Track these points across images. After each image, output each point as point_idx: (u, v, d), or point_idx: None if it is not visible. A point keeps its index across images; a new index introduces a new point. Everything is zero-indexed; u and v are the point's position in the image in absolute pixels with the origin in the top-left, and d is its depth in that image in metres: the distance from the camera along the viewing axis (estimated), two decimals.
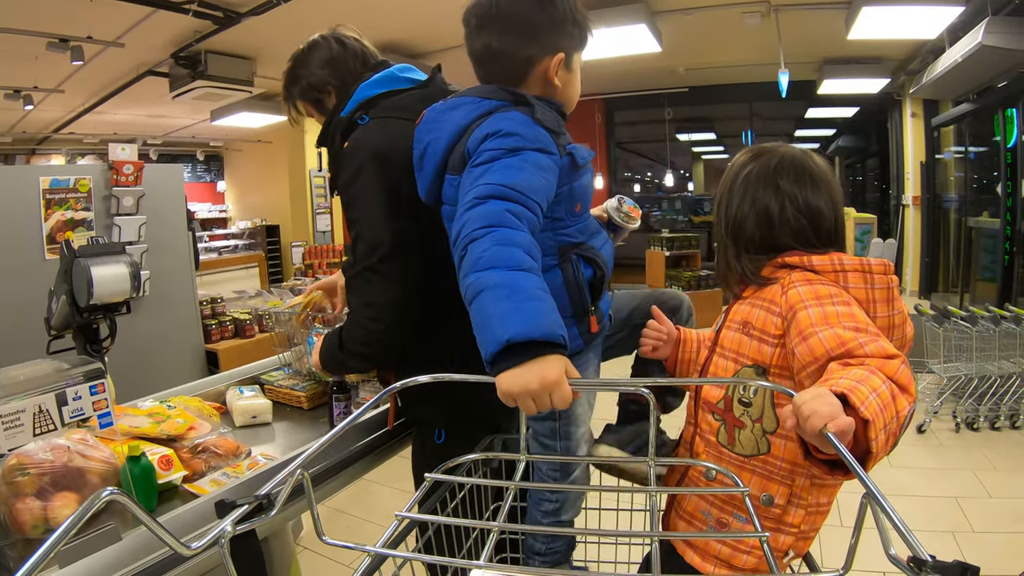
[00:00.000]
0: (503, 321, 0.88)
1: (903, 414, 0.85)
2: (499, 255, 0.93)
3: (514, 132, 1.09)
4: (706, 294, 7.62)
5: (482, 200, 1.01)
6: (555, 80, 1.22)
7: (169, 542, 0.66)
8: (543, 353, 0.87)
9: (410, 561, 0.84)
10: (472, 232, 0.97)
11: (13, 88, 7.09)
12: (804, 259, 1.10)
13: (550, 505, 1.26)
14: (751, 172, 1.19)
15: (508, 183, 1.02)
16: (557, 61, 1.21)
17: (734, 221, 1.19)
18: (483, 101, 1.18)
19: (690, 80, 8.81)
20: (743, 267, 1.18)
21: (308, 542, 2.86)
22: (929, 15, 5.30)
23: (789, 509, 1.10)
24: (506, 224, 0.97)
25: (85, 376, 1.30)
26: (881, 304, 1.07)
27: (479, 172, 1.07)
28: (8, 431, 1.18)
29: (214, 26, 5.48)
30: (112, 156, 3.48)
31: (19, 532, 1.09)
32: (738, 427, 1.13)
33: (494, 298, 0.90)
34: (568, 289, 1.20)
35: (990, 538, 2.90)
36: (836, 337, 0.96)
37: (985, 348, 4.23)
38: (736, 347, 1.16)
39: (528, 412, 0.89)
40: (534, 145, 1.09)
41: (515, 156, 1.07)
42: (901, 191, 8.60)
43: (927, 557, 0.55)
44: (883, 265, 1.07)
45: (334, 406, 1.74)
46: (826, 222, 1.15)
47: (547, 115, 1.16)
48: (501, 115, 1.13)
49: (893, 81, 7.83)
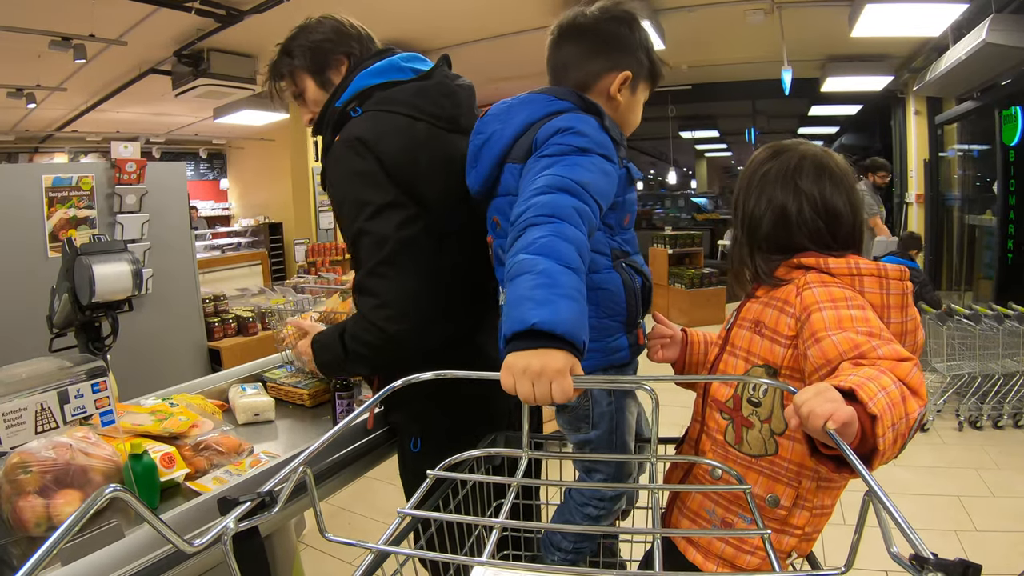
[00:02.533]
0: (536, 306, 0.88)
1: (912, 416, 0.84)
2: (552, 246, 0.94)
3: (585, 133, 1.11)
4: (709, 292, 7.62)
5: (552, 190, 1.02)
6: (617, 96, 1.25)
7: (172, 539, 0.66)
8: (559, 347, 0.88)
9: (412, 558, 0.84)
10: (534, 217, 0.98)
11: (16, 86, 7.10)
12: (820, 261, 1.09)
13: (595, 511, 1.24)
14: (770, 170, 1.17)
15: (579, 180, 1.03)
16: (623, 79, 1.24)
17: (750, 219, 1.18)
18: (555, 101, 1.20)
19: (693, 77, 8.78)
20: (756, 266, 1.17)
21: (310, 539, 2.87)
22: (933, 12, 5.29)
23: (794, 511, 1.09)
24: (568, 220, 0.98)
25: (87, 374, 1.29)
26: (895, 310, 1.05)
27: (547, 163, 1.08)
28: (10, 429, 1.18)
29: (216, 24, 5.48)
30: (115, 154, 3.48)
31: (22, 530, 1.09)
32: (746, 427, 1.12)
33: (534, 283, 0.91)
34: (627, 292, 1.21)
35: (993, 537, 2.89)
36: (849, 340, 0.95)
37: (988, 346, 4.22)
38: (747, 346, 1.15)
39: (525, 399, 0.89)
40: (601, 150, 1.11)
41: (583, 156, 1.09)
42: (904, 189, 8.58)
43: (929, 555, 0.55)
44: (899, 271, 1.06)
45: (337, 404, 1.74)
46: (845, 224, 1.14)
47: (614, 127, 1.20)
48: (574, 115, 1.16)
49: (896, 79, 7.82)
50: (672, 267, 8.06)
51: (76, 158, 10.37)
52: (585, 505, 1.24)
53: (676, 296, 7.85)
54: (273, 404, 1.86)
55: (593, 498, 1.23)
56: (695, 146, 13.96)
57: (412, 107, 1.41)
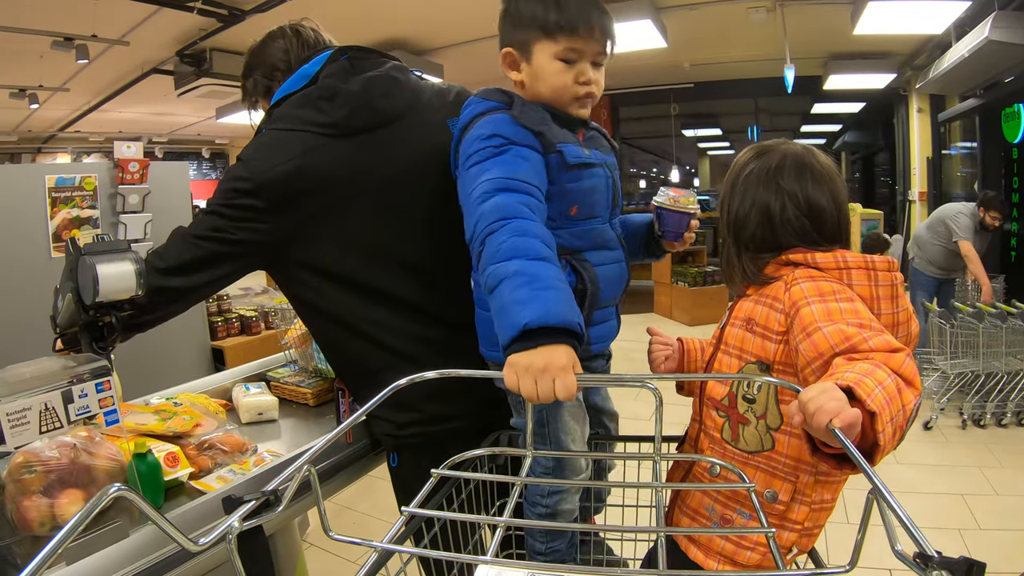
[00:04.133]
0: (521, 307, 0.89)
1: (909, 407, 0.85)
2: (517, 245, 0.95)
3: (497, 133, 1.12)
4: (712, 290, 7.61)
5: (493, 193, 1.03)
6: (515, 75, 1.22)
7: (177, 538, 0.66)
8: (557, 341, 0.88)
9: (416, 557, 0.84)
10: (488, 226, 0.99)
11: (18, 87, 7.13)
12: (808, 256, 1.10)
13: (543, 509, 1.23)
14: (752, 171, 1.18)
15: (511, 175, 1.05)
16: (504, 57, 1.22)
17: (736, 220, 1.19)
18: (482, 102, 1.20)
19: (696, 76, 8.80)
20: (744, 266, 1.18)
21: (314, 539, 2.87)
22: (935, 10, 5.29)
23: (793, 506, 1.10)
24: (520, 215, 0.99)
25: (91, 374, 1.29)
26: (885, 301, 1.06)
27: (476, 171, 1.09)
28: (14, 429, 1.18)
29: (219, 24, 5.49)
30: (117, 154, 3.48)
31: (26, 529, 1.10)
32: (742, 423, 1.13)
33: (513, 286, 0.91)
34: None
35: (996, 535, 2.89)
36: (840, 333, 0.96)
37: (992, 345, 4.22)
38: (740, 344, 1.16)
39: (529, 397, 0.89)
40: (517, 140, 1.11)
41: (504, 153, 1.09)
42: (907, 187, 8.58)
43: (933, 553, 0.54)
44: (887, 262, 1.06)
45: (340, 403, 1.74)
46: (829, 219, 1.14)
47: (528, 114, 1.15)
48: (487, 119, 1.16)
49: (899, 76, 7.81)
50: (675, 265, 8.04)
51: (79, 158, 10.40)
52: (535, 505, 1.24)
53: (679, 294, 7.84)
54: (277, 403, 1.86)
55: (537, 495, 1.23)
56: (697, 144, 13.96)
57: (288, 121, 1.44)
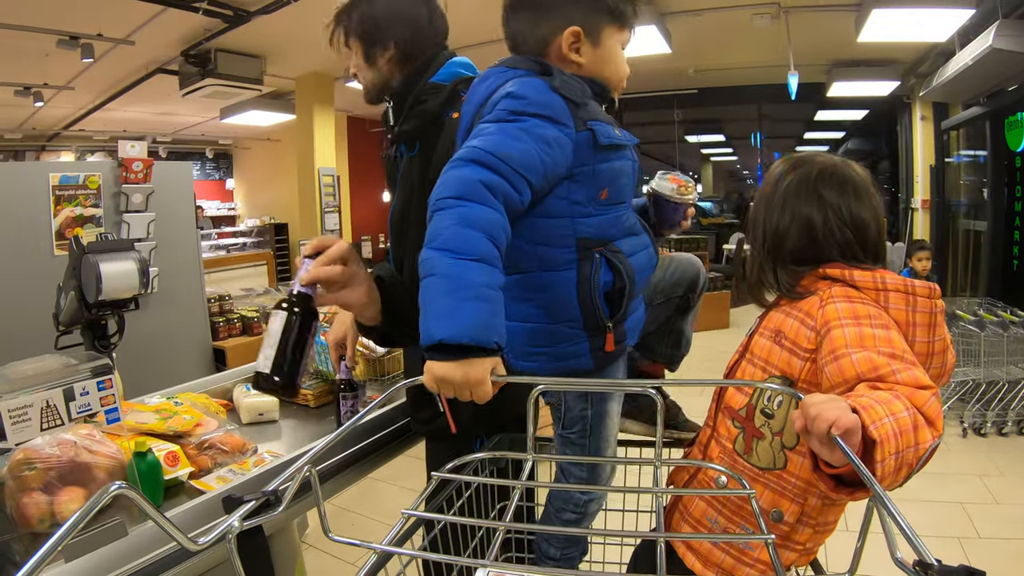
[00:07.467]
0: (439, 320, 0.86)
1: (924, 447, 0.81)
2: (455, 237, 0.89)
3: (523, 96, 1.02)
4: (713, 296, 7.60)
5: (463, 163, 0.95)
6: (571, 56, 1.11)
7: (176, 536, 0.66)
8: (474, 355, 0.86)
9: (415, 559, 0.84)
10: (440, 200, 0.92)
11: (23, 85, 7.13)
12: (846, 272, 1.06)
13: (571, 515, 1.23)
14: (791, 183, 1.14)
15: (495, 150, 0.95)
16: (571, 36, 1.10)
17: (774, 235, 1.14)
18: (508, 71, 1.11)
19: (699, 81, 8.79)
20: (780, 281, 1.14)
21: (313, 540, 2.87)
22: (939, 18, 5.28)
23: (798, 527, 1.07)
24: (474, 198, 0.91)
25: (93, 372, 1.30)
26: (922, 328, 1.01)
27: (478, 130, 1.02)
28: (15, 425, 1.18)
29: (224, 24, 5.51)
30: (122, 153, 3.49)
31: (25, 526, 1.10)
32: (757, 438, 1.09)
33: (438, 289, 0.87)
34: (580, 295, 1.07)
35: (996, 544, 2.88)
36: (869, 360, 0.92)
37: (993, 353, 4.21)
38: (766, 356, 1.12)
39: (447, 397, 0.90)
40: (542, 111, 1.01)
41: (515, 122, 1.00)
42: (910, 194, 8.57)
43: (933, 561, 0.54)
44: (928, 288, 1.01)
45: (341, 404, 1.74)
46: (871, 234, 1.11)
47: (569, 85, 1.07)
48: (519, 80, 1.06)
49: (903, 84, 7.80)
50: None
51: (83, 157, 10.40)
52: (562, 511, 1.23)
53: None
54: (277, 404, 1.86)
55: (568, 502, 1.23)
56: (701, 150, 13.95)
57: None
